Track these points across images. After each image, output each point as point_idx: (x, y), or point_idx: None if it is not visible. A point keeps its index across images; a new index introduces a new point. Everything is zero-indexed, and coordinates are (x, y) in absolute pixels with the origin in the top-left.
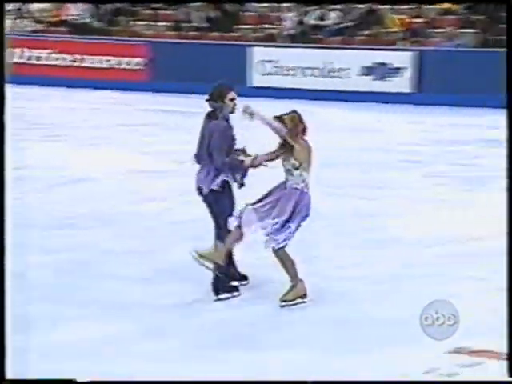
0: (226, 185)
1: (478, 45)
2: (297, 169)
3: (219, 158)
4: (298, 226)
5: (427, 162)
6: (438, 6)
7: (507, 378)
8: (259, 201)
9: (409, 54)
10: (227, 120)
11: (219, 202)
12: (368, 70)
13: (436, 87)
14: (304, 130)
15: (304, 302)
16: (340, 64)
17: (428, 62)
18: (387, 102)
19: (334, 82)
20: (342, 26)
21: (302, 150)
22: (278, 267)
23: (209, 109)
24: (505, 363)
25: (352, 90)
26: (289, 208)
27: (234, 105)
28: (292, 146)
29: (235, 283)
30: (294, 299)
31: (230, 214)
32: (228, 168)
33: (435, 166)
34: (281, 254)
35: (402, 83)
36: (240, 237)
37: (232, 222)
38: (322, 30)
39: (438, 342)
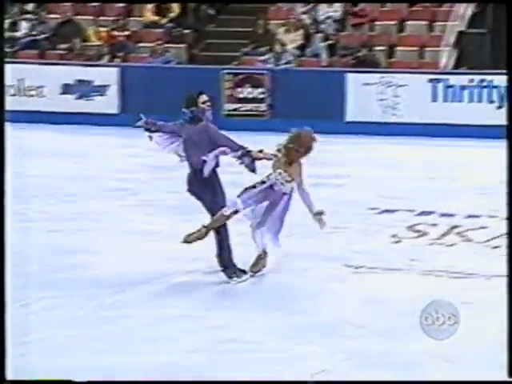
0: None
1: (185, 60)
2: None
3: (233, 143)
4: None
5: (139, 189)
6: (142, 19)
7: (507, 378)
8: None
9: (113, 70)
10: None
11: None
12: (68, 88)
13: (142, 107)
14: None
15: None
16: (36, 81)
17: (132, 79)
18: (94, 124)
19: (32, 101)
20: (37, 37)
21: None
22: None
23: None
24: (505, 363)
25: (53, 110)
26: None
27: (208, 106)
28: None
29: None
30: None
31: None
32: (241, 151)
33: (148, 193)
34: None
35: (107, 103)
36: (225, 219)
37: (231, 206)
38: (15, 42)
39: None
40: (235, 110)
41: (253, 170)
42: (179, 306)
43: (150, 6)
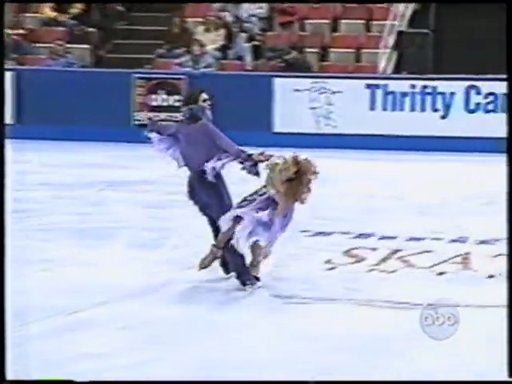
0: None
1: (90, 63)
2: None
3: (234, 147)
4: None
5: (38, 211)
6: (40, 15)
7: (507, 378)
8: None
9: (7, 74)
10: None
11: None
12: None
13: (39, 117)
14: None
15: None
16: None
17: (29, 84)
18: None
19: None
20: None
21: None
22: None
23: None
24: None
25: None
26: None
27: (208, 105)
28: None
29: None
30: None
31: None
32: (242, 156)
33: (47, 216)
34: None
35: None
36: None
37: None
38: None
39: None
40: (148, 119)
41: (256, 174)
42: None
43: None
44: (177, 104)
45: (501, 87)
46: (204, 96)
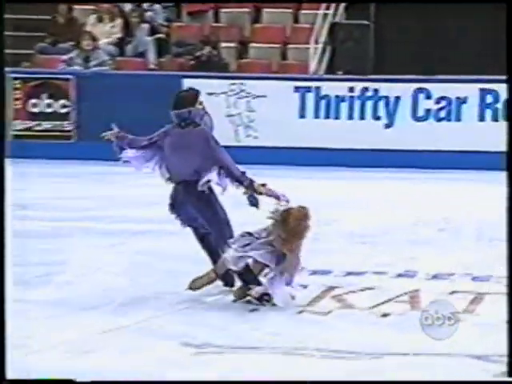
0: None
1: None
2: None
3: (237, 168)
4: None
5: None
6: None
7: (507, 378)
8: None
9: None
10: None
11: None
12: None
13: None
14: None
15: None
16: None
17: None
18: None
19: None
20: None
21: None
22: None
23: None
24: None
25: None
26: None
27: (203, 108)
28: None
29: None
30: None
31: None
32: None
33: None
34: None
35: None
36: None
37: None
38: None
39: None
40: (28, 129)
41: (256, 205)
42: None
43: None
44: (63, 110)
45: (454, 90)
46: (201, 98)
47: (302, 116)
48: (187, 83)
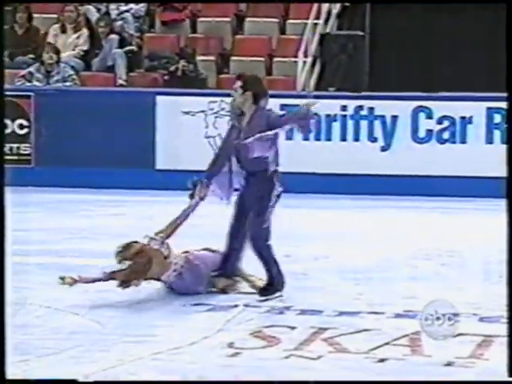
0: None
1: None
2: None
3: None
4: None
5: None
6: None
7: (507, 378)
8: None
9: None
10: None
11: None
12: None
13: None
14: None
15: None
16: None
17: None
18: None
19: None
20: None
21: None
22: None
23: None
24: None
25: None
26: None
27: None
28: None
29: None
30: None
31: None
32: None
33: None
34: None
35: None
36: None
37: None
38: None
39: None
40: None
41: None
42: None
43: None
44: (21, 132)
45: (459, 109)
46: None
47: (289, 137)
48: (161, 100)
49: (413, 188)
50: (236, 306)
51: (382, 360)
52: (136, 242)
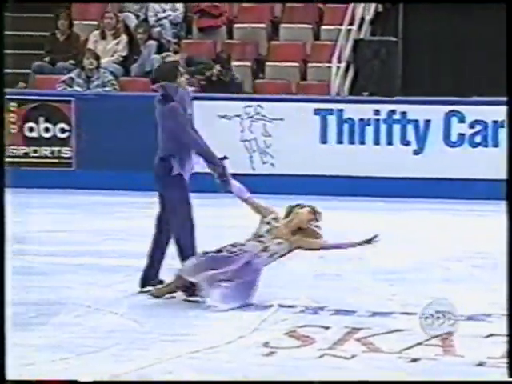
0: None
1: None
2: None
3: (199, 141)
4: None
5: None
6: None
7: (507, 378)
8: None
9: None
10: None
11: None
12: None
13: None
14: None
15: None
16: None
17: None
18: None
19: None
20: None
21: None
22: None
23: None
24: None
25: None
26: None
27: (186, 81)
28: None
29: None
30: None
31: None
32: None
33: None
34: None
35: None
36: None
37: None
38: None
39: None
40: (24, 155)
41: (228, 190)
42: None
43: None
44: (63, 135)
45: (491, 113)
46: (182, 70)
47: (324, 141)
48: (197, 105)
49: (445, 191)
50: (271, 306)
51: (414, 360)
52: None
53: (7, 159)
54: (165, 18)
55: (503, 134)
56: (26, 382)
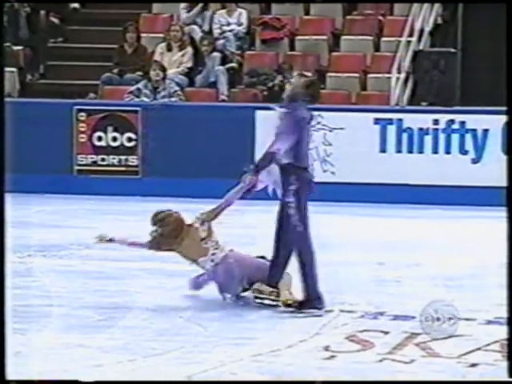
0: None
1: (15, 91)
2: None
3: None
4: None
5: None
6: None
7: (507, 378)
8: None
9: None
10: None
11: None
12: None
13: None
14: None
15: None
16: None
17: None
18: None
19: None
20: None
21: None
22: None
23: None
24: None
25: None
26: None
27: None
28: None
29: None
30: None
31: None
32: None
33: None
34: None
35: None
36: None
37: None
38: None
39: None
40: (93, 163)
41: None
42: None
43: None
44: (130, 144)
45: None
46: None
47: (383, 150)
48: (260, 115)
49: (502, 199)
50: (331, 311)
51: (473, 365)
52: (175, 212)
53: (76, 167)
54: (229, 31)
55: None
56: (26, 382)
